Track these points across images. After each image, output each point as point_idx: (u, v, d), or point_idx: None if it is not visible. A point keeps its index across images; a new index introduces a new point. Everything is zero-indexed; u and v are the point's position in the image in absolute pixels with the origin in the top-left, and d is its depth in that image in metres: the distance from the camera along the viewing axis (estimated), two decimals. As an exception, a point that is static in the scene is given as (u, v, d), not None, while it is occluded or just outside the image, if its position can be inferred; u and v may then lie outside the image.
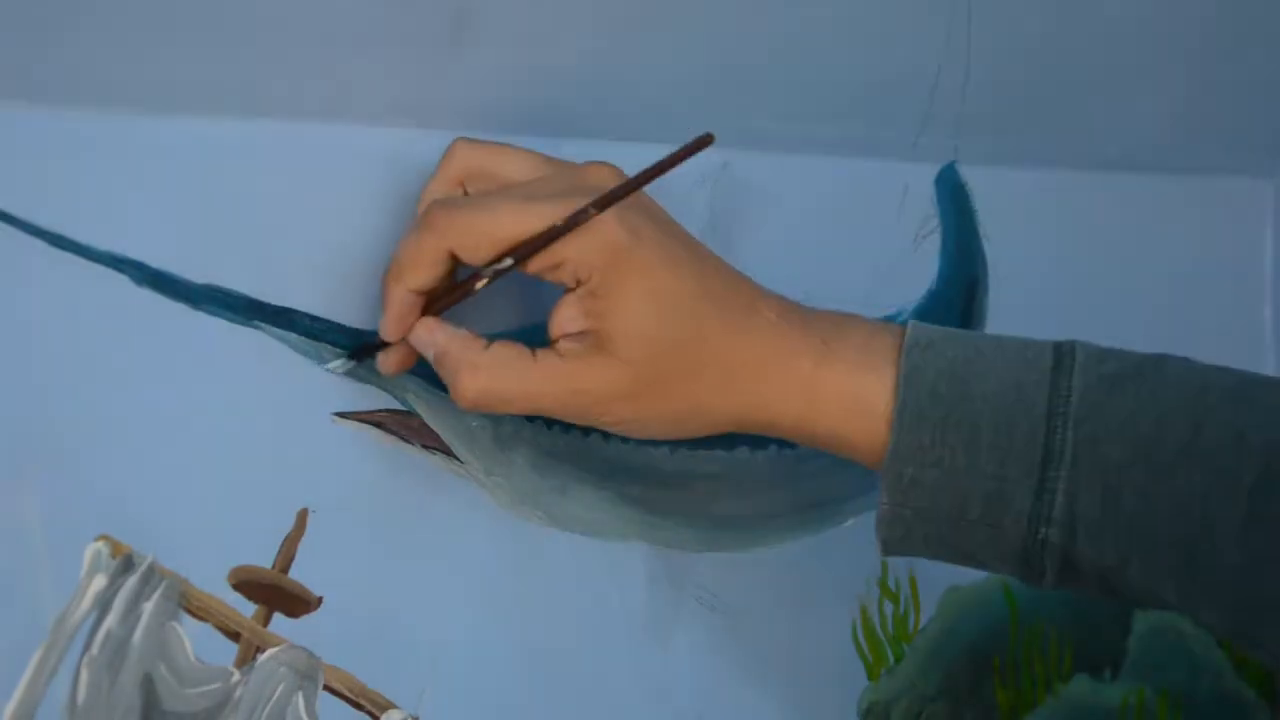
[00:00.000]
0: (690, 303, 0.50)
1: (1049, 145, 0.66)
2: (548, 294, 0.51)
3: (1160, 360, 0.51)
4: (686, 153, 0.51)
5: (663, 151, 0.51)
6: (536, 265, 0.50)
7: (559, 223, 0.49)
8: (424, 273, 0.50)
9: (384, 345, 0.52)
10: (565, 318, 0.50)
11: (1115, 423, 0.49)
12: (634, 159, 0.59)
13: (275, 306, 0.55)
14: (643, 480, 0.60)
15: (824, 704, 0.63)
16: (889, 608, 0.64)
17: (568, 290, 0.50)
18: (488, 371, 0.49)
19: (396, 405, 0.56)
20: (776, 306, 0.52)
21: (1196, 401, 0.49)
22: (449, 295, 0.51)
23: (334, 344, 0.55)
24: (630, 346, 0.49)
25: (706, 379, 0.50)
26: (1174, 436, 0.48)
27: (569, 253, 0.49)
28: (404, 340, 0.52)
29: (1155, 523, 0.48)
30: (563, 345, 0.50)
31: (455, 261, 0.51)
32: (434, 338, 0.51)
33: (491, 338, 0.51)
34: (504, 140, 0.54)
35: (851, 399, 0.50)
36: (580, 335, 0.50)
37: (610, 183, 0.50)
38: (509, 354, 0.50)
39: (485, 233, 0.49)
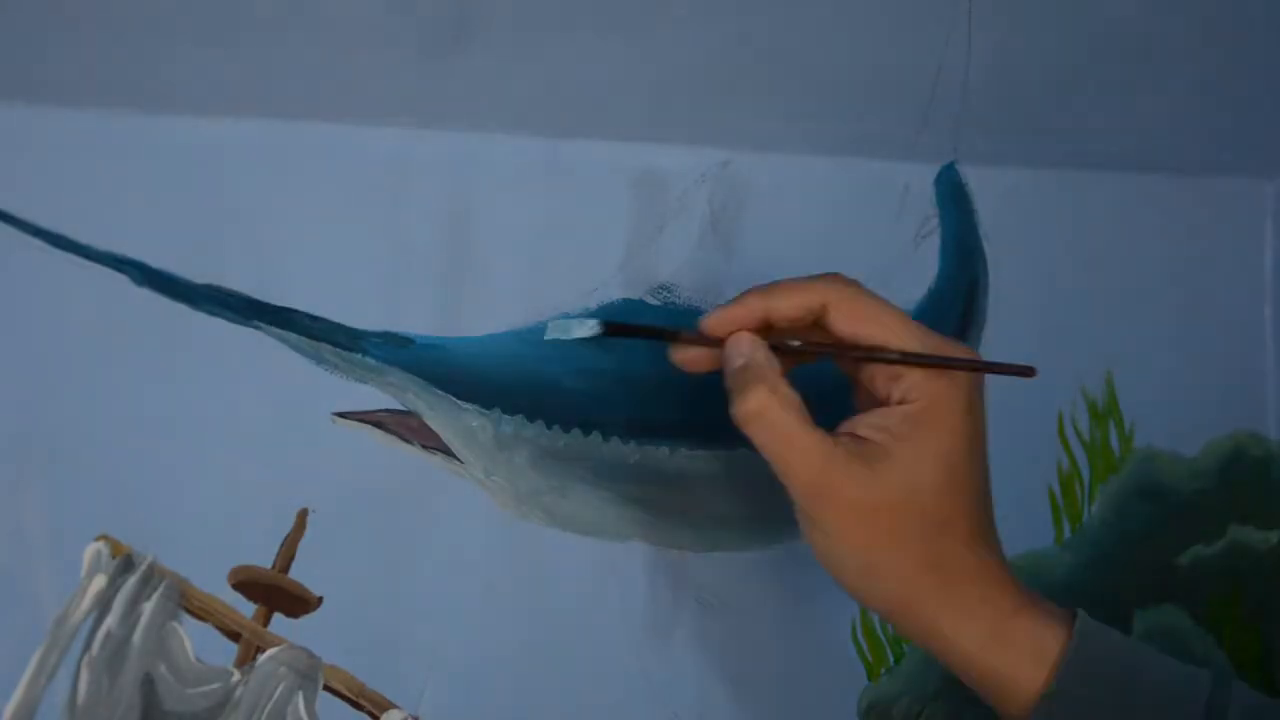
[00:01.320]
0: (960, 491, 0.50)
1: (1049, 145, 0.66)
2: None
3: None
4: (1012, 370, 0.53)
5: (662, 151, 0.51)
6: (883, 373, 0.51)
7: (948, 354, 0.51)
8: (790, 309, 0.51)
9: (658, 334, 0.53)
10: (869, 421, 0.50)
11: None
12: (634, 159, 0.60)
13: (275, 306, 0.55)
14: (643, 480, 0.60)
15: (824, 704, 0.63)
16: (889, 608, 0.64)
17: (881, 404, 0.51)
18: (779, 400, 0.49)
19: (396, 405, 0.56)
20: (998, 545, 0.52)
21: None
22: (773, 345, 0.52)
23: (334, 344, 0.55)
24: (895, 479, 0.49)
25: (919, 557, 0.50)
26: None
27: (917, 377, 0.50)
28: (707, 346, 0.52)
29: None
30: (844, 435, 0.50)
31: (812, 324, 0.52)
32: (752, 350, 0.51)
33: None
34: (504, 140, 0.54)
35: (1034, 645, 0.50)
36: (862, 440, 0.50)
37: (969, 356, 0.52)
38: (798, 402, 0.50)
39: (879, 325, 0.51)
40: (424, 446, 0.57)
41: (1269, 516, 0.71)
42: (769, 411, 0.49)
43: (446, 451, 0.57)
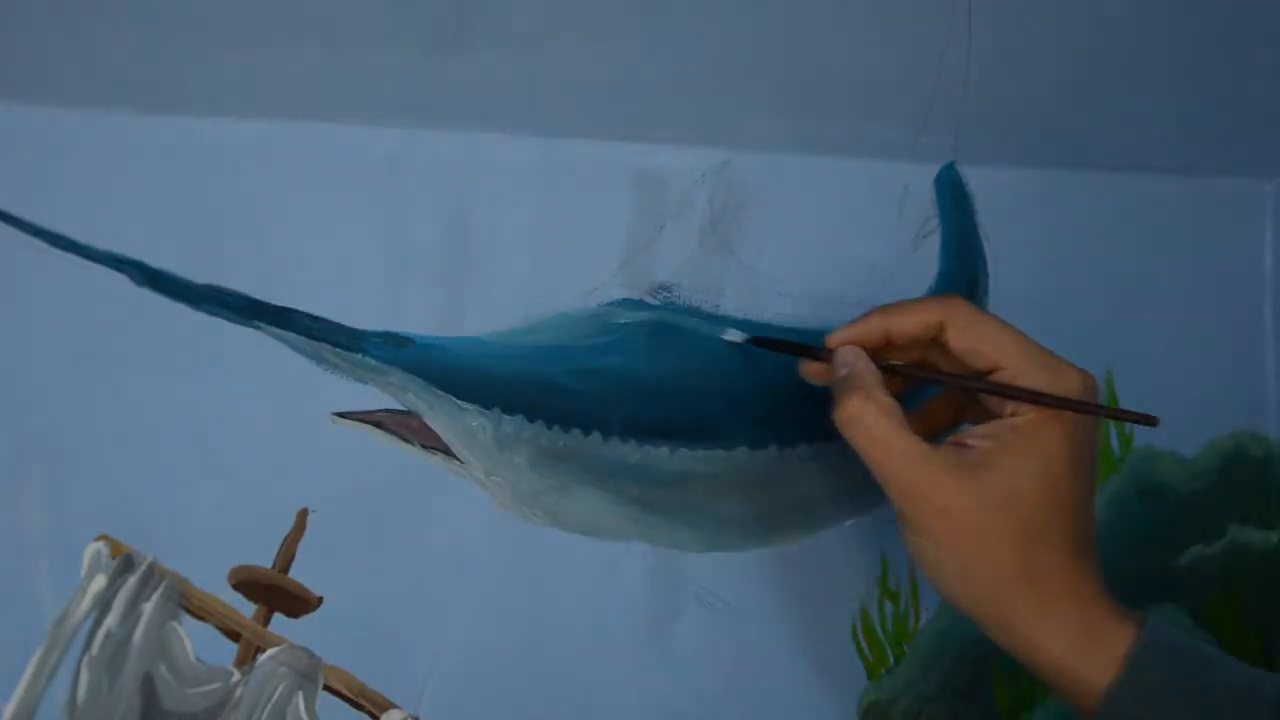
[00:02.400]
0: (1060, 505, 0.51)
1: (1049, 145, 0.66)
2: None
3: None
4: (1134, 418, 0.54)
5: (662, 151, 0.51)
6: (993, 396, 0.53)
7: (1062, 382, 0.52)
8: (910, 325, 0.53)
9: (794, 350, 0.56)
10: (977, 432, 0.52)
11: None
12: (634, 159, 0.60)
13: (275, 306, 0.55)
14: (642, 480, 0.60)
15: (824, 704, 0.63)
16: (889, 608, 0.64)
17: (993, 417, 0.53)
18: (877, 406, 0.51)
19: (396, 405, 0.56)
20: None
21: None
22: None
23: (334, 344, 0.55)
24: (994, 486, 0.51)
25: (1013, 564, 0.51)
26: None
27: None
28: (829, 361, 0.54)
29: None
30: (949, 443, 0.52)
31: (930, 342, 0.54)
32: (854, 360, 0.53)
33: None
34: (504, 140, 0.54)
35: (1112, 647, 0.50)
36: (966, 448, 0.51)
37: (1090, 388, 0.53)
38: (896, 410, 0.52)
39: (994, 343, 0.53)
40: (424, 446, 0.57)
41: (1269, 516, 0.71)
42: (865, 416, 0.51)
43: (446, 451, 0.57)
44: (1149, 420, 0.53)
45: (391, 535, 0.56)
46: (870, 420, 0.51)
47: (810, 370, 0.56)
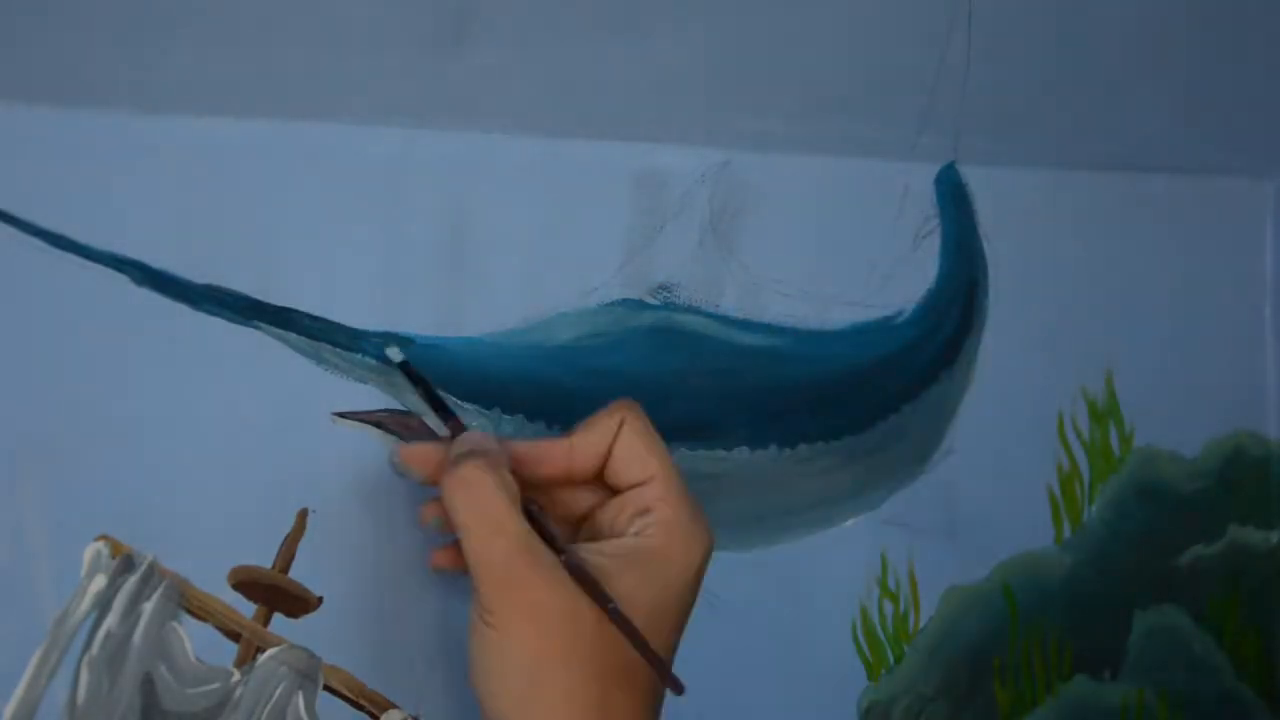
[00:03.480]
0: (662, 642, 0.48)
1: (1049, 145, 0.66)
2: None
3: None
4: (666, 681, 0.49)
5: (662, 151, 0.51)
6: (631, 506, 0.49)
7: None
8: (593, 437, 0.50)
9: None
10: (593, 547, 0.47)
11: None
12: (634, 159, 0.60)
13: (275, 306, 0.55)
14: (643, 480, 0.59)
15: (824, 704, 0.63)
16: (889, 608, 0.64)
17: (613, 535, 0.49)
18: (497, 481, 0.46)
19: (396, 405, 0.56)
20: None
21: None
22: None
23: (334, 344, 0.55)
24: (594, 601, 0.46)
25: (587, 693, 0.45)
26: None
27: (664, 515, 0.48)
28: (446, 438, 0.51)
29: None
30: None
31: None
32: (486, 440, 0.49)
33: None
34: (504, 140, 0.54)
35: None
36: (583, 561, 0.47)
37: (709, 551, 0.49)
38: (517, 496, 0.47)
39: (660, 457, 0.49)
40: (424, 446, 0.57)
41: (1269, 516, 0.71)
42: (481, 488, 0.46)
43: (446, 451, 0.57)
44: (675, 688, 0.48)
45: (391, 535, 0.56)
46: (486, 494, 0.45)
47: (420, 465, 0.50)
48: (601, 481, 0.51)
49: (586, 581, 0.46)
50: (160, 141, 0.53)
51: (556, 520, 0.50)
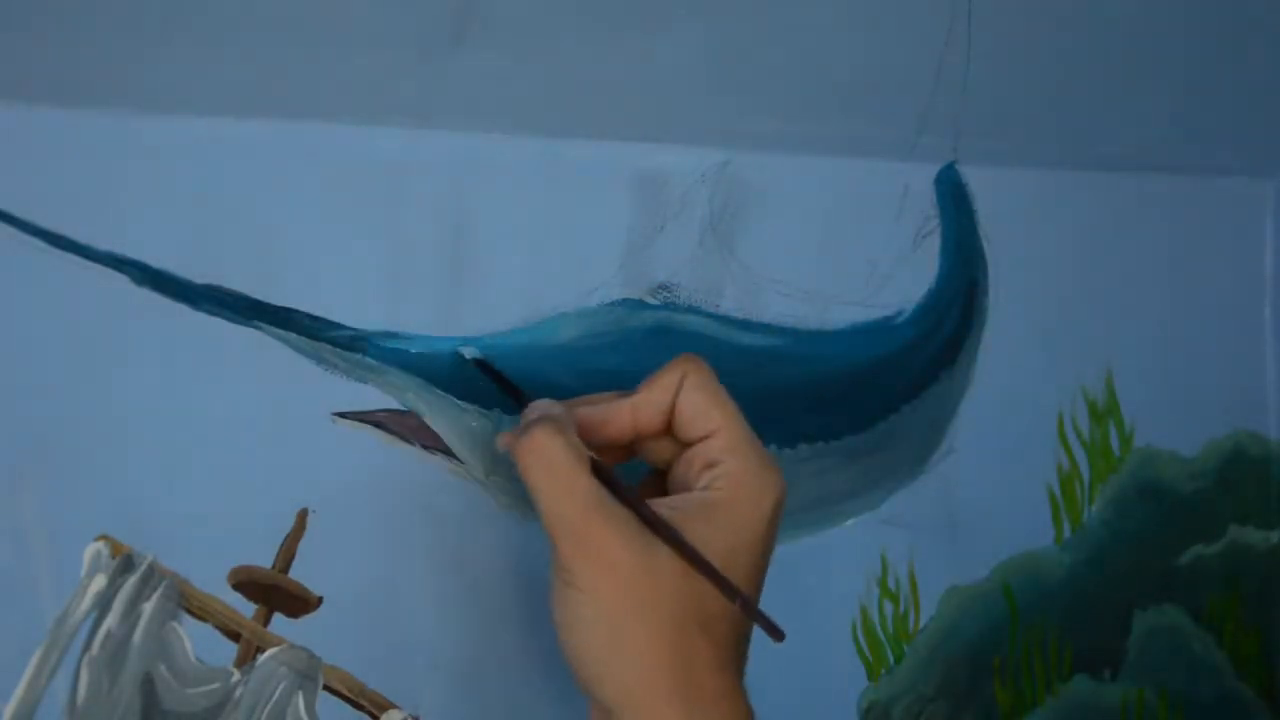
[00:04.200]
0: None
1: (1049, 145, 0.66)
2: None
3: None
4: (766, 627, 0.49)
5: (662, 151, 0.51)
6: (699, 460, 0.49)
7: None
8: (655, 394, 0.50)
9: (499, 379, 0.54)
10: (666, 502, 0.48)
11: None
12: (634, 159, 0.60)
13: (275, 306, 0.55)
14: (643, 480, 0.59)
15: (824, 704, 0.63)
16: (889, 608, 0.64)
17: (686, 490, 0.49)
18: (566, 443, 0.47)
19: (396, 405, 0.56)
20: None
21: None
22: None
23: (334, 344, 0.55)
24: (676, 557, 0.46)
25: (669, 645, 0.46)
26: None
27: (731, 467, 0.48)
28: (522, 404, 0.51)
29: None
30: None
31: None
32: (552, 405, 0.50)
33: None
34: (504, 140, 0.54)
35: None
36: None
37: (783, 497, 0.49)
38: (586, 457, 0.47)
39: (723, 409, 0.49)
40: (424, 446, 0.57)
41: (1269, 516, 0.71)
42: (552, 450, 0.46)
43: (446, 451, 0.57)
44: (776, 634, 0.48)
45: (391, 535, 0.56)
46: (557, 456, 0.46)
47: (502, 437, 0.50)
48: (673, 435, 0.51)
49: (661, 529, 0.46)
50: (160, 141, 0.53)
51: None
